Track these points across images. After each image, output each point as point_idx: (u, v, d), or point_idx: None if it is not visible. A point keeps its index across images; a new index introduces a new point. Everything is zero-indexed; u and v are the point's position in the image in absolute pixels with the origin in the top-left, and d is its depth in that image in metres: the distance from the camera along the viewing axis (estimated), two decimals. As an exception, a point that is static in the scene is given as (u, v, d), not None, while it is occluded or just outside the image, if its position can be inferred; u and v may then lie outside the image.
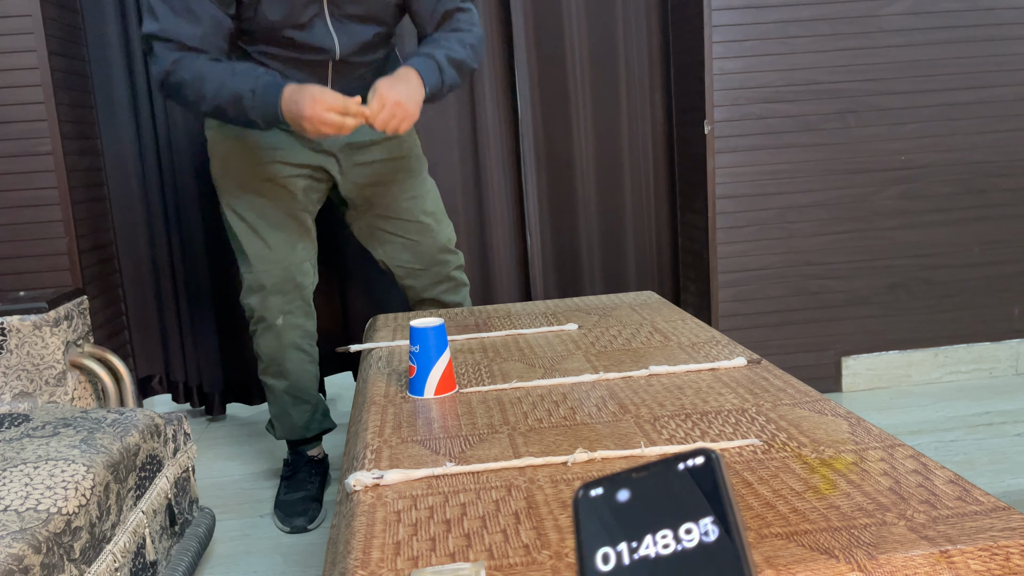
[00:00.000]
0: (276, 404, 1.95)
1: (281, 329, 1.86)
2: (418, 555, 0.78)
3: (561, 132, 2.42)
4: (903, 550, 0.72)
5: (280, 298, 1.85)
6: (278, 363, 1.89)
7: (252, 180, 1.77)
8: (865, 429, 1.00)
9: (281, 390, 1.93)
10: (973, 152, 2.35)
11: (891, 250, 2.37)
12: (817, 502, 0.82)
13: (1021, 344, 2.44)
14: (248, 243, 1.81)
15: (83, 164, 2.19)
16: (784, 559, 0.72)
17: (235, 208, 1.80)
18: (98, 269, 2.24)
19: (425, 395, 1.23)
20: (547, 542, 0.79)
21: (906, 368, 2.42)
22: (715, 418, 1.06)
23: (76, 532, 1.11)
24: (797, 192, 2.31)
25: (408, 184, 1.89)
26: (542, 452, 0.99)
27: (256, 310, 1.85)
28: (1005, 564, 0.72)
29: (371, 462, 1.00)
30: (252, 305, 1.85)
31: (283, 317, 1.86)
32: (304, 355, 1.92)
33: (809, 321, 2.37)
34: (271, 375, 1.92)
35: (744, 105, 2.25)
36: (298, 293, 1.86)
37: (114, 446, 1.29)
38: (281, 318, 1.85)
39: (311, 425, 1.98)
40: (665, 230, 2.53)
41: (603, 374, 1.27)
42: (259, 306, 1.84)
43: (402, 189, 1.88)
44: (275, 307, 1.84)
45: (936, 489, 0.83)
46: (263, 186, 1.78)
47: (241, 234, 1.81)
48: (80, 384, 1.74)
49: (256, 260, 1.81)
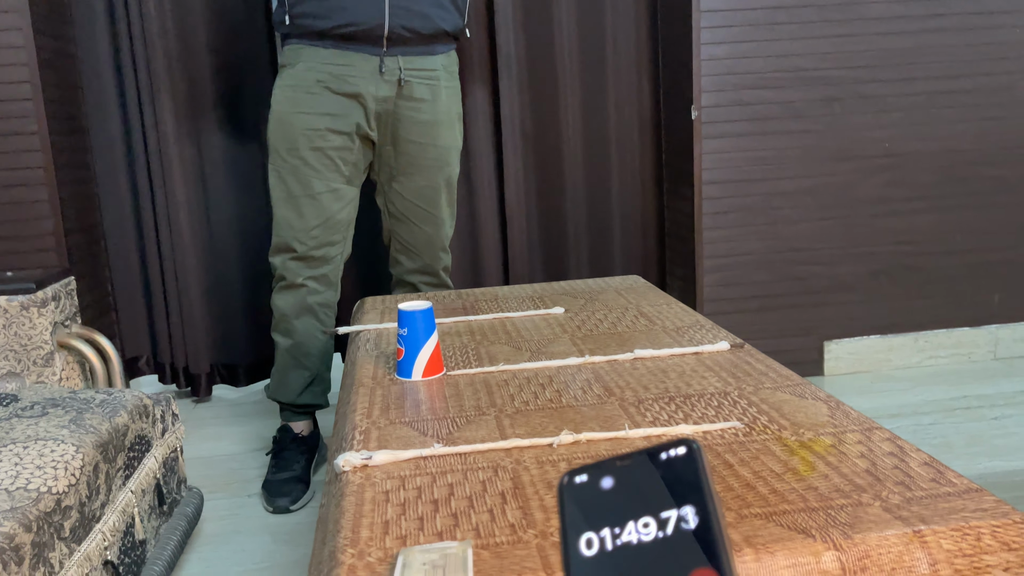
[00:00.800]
0: (277, 361, 1.98)
1: (302, 293, 1.91)
2: (406, 534, 0.80)
3: (548, 117, 2.42)
4: (877, 530, 0.75)
5: (303, 265, 1.90)
6: (288, 321, 1.93)
7: (302, 146, 1.82)
8: (844, 412, 1.02)
9: (284, 349, 1.95)
10: (956, 140, 2.37)
11: (874, 237, 2.39)
12: (796, 483, 0.84)
13: (1000, 330, 2.48)
14: (282, 209, 1.86)
15: (69, 144, 2.18)
16: (763, 538, 0.75)
17: (280, 171, 1.86)
18: (85, 250, 2.23)
19: (413, 377, 1.24)
20: (533, 521, 0.80)
21: (887, 353, 2.45)
22: (698, 401, 1.08)
23: (66, 511, 1.12)
24: (783, 178, 2.33)
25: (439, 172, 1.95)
26: (528, 434, 1.01)
27: (279, 269, 1.91)
28: (976, 544, 0.74)
29: (360, 443, 1.02)
30: (276, 264, 1.92)
31: (305, 281, 1.91)
32: (317, 322, 1.94)
33: (792, 306, 2.40)
34: (280, 332, 1.95)
35: (731, 91, 2.27)
36: (324, 263, 1.91)
37: (103, 426, 1.30)
38: (302, 280, 1.90)
39: (304, 393, 1.99)
40: (651, 215, 2.54)
41: (589, 357, 1.28)
42: (281, 266, 1.91)
43: (435, 171, 1.94)
44: (297, 271, 1.90)
45: (911, 471, 0.85)
46: (311, 155, 1.83)
47: (278, 198, 1.87)
48: (68, 365, 1.74)
49: (286, 227, 1.87)
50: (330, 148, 1.84)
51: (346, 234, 1.94)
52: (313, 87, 1.81)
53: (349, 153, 1.87)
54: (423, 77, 1.88)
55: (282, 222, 1.88)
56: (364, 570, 0.74)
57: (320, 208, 1.86)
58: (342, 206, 1.89)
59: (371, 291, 2.49)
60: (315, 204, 1.86)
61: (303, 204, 1.85)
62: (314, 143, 1.83)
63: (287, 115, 1.83)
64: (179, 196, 2.34)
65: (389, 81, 1.84)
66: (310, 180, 1.84)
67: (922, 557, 0.73)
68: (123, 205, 2.37)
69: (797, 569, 0.72)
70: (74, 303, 1.81)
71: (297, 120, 1.82)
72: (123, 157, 2.34)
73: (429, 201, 1.97)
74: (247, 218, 2.42)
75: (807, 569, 0.72)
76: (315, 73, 1.81)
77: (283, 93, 1.83)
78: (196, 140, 2.35)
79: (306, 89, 1.81)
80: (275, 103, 1.84)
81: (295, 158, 1.84)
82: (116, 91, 2.31)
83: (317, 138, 1.83)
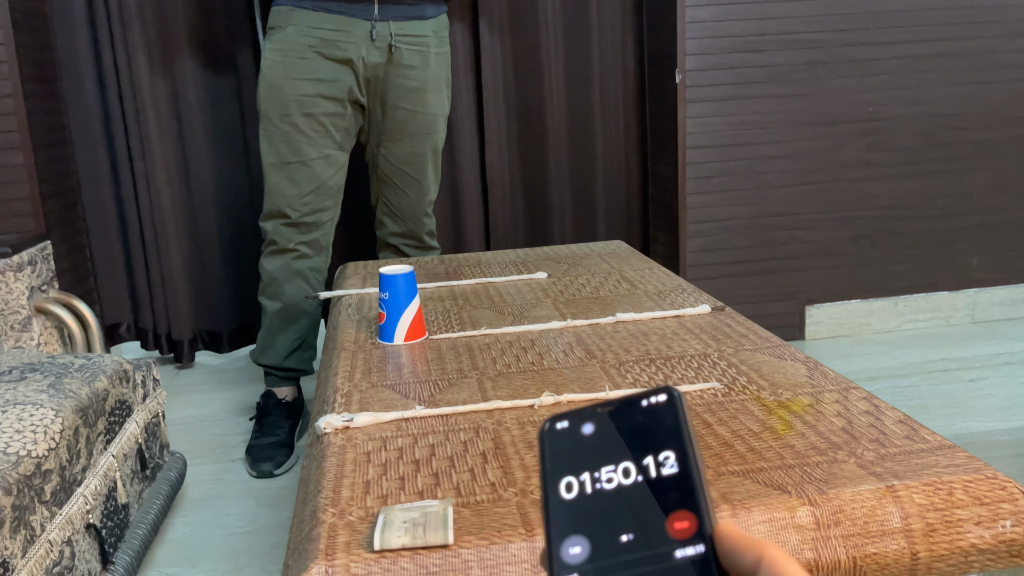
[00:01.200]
0: (264, 325, 1.98)
1: (292, 257, 1.91)
2: (387, 494, 0.80)
3: (532, 80, 2.40)
4: (851, 486, 0.76)
5: (295, 231, 1.89)
6: (277, 284, 1.92)
7: (294, 112, 1.81)
8: (822, 373, 1.03)
9: (273, 312, 1.95)
10: (939, 105, 2.37)
11: (856, 202, 2.40)
12: (773, 442, 0.85)
13: (978, 293, 2.51)
14: (273, 175, 1.85)
15: (44, 107, 2.14)
16: (740, 495, 0.76)
17: (271, 137, 1.84)
18: (62, 214, 2.20)
19: (395, 341, 1.24)
20: (513, 480, 0.81)
21: (867, 317, 2.47)
22: (678, 363, 1.09)
23: (46, 475, 1.12)
24: (766, 143, 2.32)
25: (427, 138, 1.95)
26: (510, 396, 1.01)
27: (270, 234, 1.90)
28: (948, 499, 0.76)
29: (341, 405, 1.02)
30: (267, 229, 1.90)
31: (297, 246, 1.90)
32: (307, 286, 1.94)
33: (775, 271, 2.41)
34: (268, 296, 1.95)
35: (716, 55, 2.25)
36: (315, 229, 1.91)
37: (82, 391, 1.29)
38: (293, 245, 1.90)
39: (290, 357, 1.99)
40: (635, 179, 2.54)
41: (571, 321, 1.29)
42: (273, 231, 1.90)
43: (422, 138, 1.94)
44: (290, 237, 1.89)
45: (886, 429, 0.87)
46: (303, 121, 1.81)
47: (269, 164, 1.85)
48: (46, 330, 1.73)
49: (278, 193, 1.86)
50: (322, 114, 1.82)
51: (337, 199, 1.93)
52: (305, 52, 1.79)
53: (341, 119, 1.85)
54: (413, 43, 1.86)
55: (274, 188, 1.86)
56: (345, 529, 0.74)
57: (312, 175, 1.85)
58: (333, 172, 1.88)
59: (359, 256, 2.47)
60: (307, 171, 1.85)
61: (295, 171, 1.84)
62: (306, 109, 1.81)
63: (278, 81, 1.80)
64: (158, 159, 2.31)
65: (380, 47, 1.82)
66: (302, 147, 1.83)
67: (894, 511, 0.74)
68: (100, 169, 2.34)
69: (772, 524, 0.73)
70: (51, 268, 1.79)
71: (289, 86, 1.80)
72: (100, 120, 2.30)
73: (415, 167, 1.97)
74: (229, 181, 2.39)
75: (782, 524, 0.73)
76: (306, 38, 1.78)
77: (274, 58, 1.81)
78: (174, 101, 2.31)
79: (297, 54, 1.79)
80: (265, 68, 1.82)
81: (287, 124, 1.82)
82: (91, 53, 2.26)
83: (309, 104, 1.81)
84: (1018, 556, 0.75)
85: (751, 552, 0.29)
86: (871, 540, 0.73)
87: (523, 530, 0.72)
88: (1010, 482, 0.76)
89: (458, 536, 0.72)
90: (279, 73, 1.80)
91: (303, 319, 1.97)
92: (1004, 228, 2.48)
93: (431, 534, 0.71)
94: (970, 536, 0.74)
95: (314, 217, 1.89)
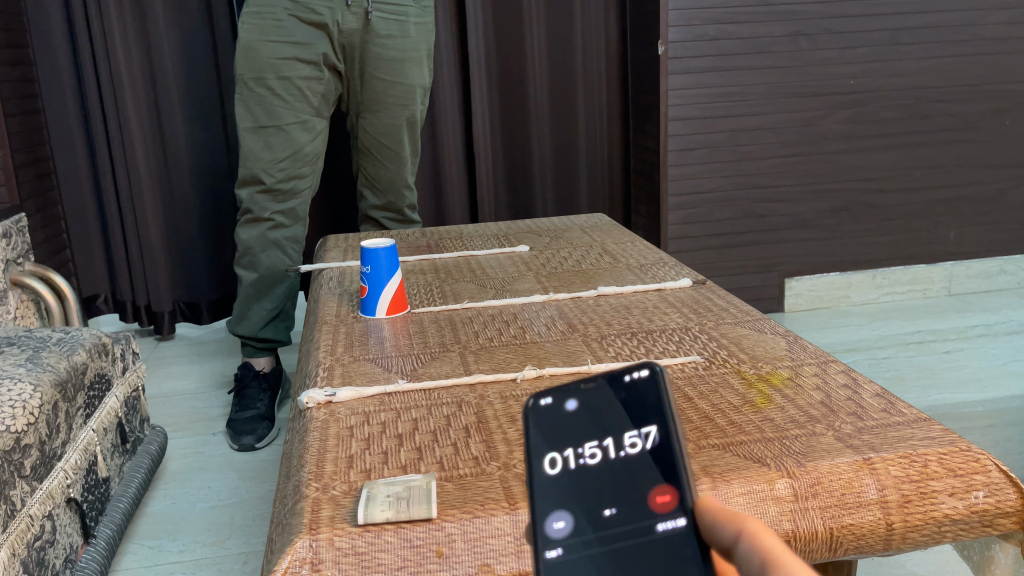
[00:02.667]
0: (240, 296, 1.96)
1: (268, 226, 1.88)
2: (370, 468, 0.80)
3: (514, 51, 2.38)
4: (829, 458, 0.77)
5: (271, 198, 1.86)
6: (253, 254, 1.90)
7: (269, 75, 1.78)
8: (801, 347, 1.04)
9: (249, 283, 1.93)
10: (920, 77, 2.38)
11: (836, 174, 2.41)
12: (753, 415, 0.86)
13: (955, 266, 2.53)
14: (249, 140, 1.82)
15: (14, 75, 2.09)
16: (720, 467, 0.77)
17: (247, 101, 1.81)
18: (35, 185, 2.16)
19: (377, 315, 1.24)
20: (496, 454, 0.82)
21: (846, 289, 2.50)
22: (660, 336, 1.10)
23: (26, 449, 1.11)
24: (747, 115, 2.32)
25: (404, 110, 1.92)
26: (492, 370, 1.02)
27: (245, 202, 1.87)
28: (923, 470, 0.77)
29: (323, 380, 1.02)
30: (242, 196, 1.87)
31: (272, 215, 1.87)
32: (283, 256, 1.92)
33: (754, 243, 2.42)
34: (243, 266, 1.92)
35: (698, 26, 2.24)
36: (292, 197, 1.88)
37: (61, 365, 1.28)
38: (269, 214, 1.87)
39: (266, 328, 1.97)
40: (617, 152, 2.53)
41: (553, 295, 1.29)
42: (248, 199, 1.86)
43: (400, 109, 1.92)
44: (265, 205, 1.86)
45: (863, 402, 0.88)
46: (278, 84, 1.79)
47: (244, 128, 1.82)
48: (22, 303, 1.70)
49: (253, 159, 1.82)
50: (298, 77, 1.80)
51: (315, 167, 1.91)
52: (280, 15, 1.76)
53: (317, 83, 1.82)
54: (391, 12, 1.83)
55: (249, 154, 1.83)
56: (328, 503, 0.74)
57: (288, 140, 1.83)
58: (311, 138, 1.86)
59: (340, 228, 2.46)
60: (283, 135, 1.82)
61: (271, 135, 1.82)
62: (281, 72, 1.79)
63: (254, 43, 1.78)
64: (133, 127, 2.27)
65: (356, 13, 1.79)
66: (277, 110, 1.81)
67: (871, 483, 0.75)
68: (73, 139, 2.29)
69: (751, 496, 0.74)
70: (26, 240, 1.76)
71: (264, 48, 1.77)
72: (71, 88, 2.26)
73: (392, 138, 1.95)
74: (207, 150, 2.36)
75: (761, 496, 0.74)
76: (282, 1, 1.76)
77: (249, 20, 1.78)
78: (150, 68, 2.27)
79: (273, 16, 1.76)
80: (242, 31, 1.79)
81: (262, 87, 1.79)
82: (63, 17, 2.21)
83: (284, 67, 1.78)
84: (990, 526, 0.77)
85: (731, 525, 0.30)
86: (848, 511, 0.74)
87: (506, 503, 0.73)
88: (983, 454, 0.78)
89: (441, 510, 0.72)
90: (254, 36, 1.77)
91: (279, 288, 1.96)
92: (981, 201, 2.51)
93: (415, 508, 0.71)
94: (944, 507, 0.76)
95: (290, 184, 1.87)
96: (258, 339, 1.98)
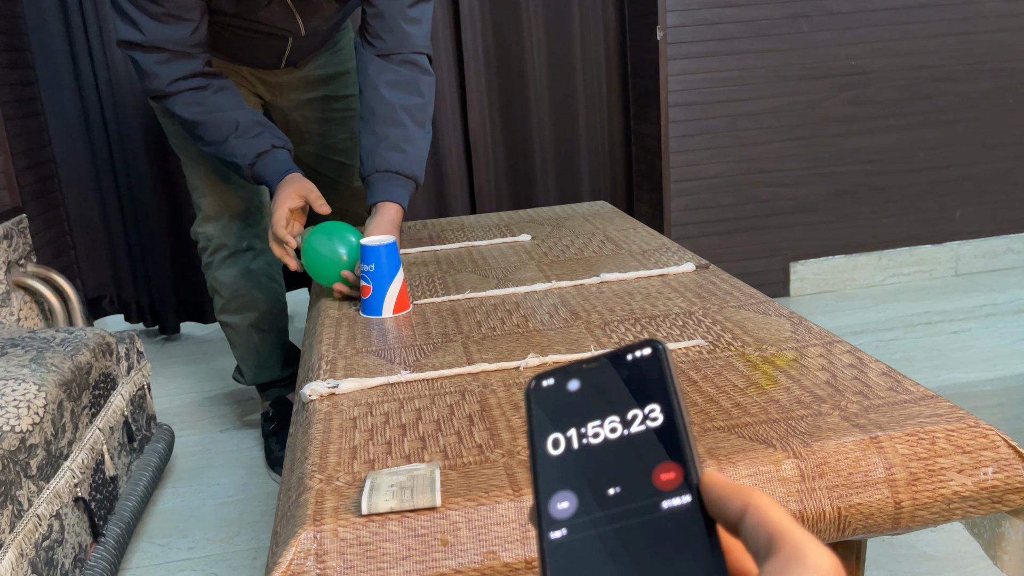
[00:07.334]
0: (241, 344, 1.74)
1: (250, 258, 1.67)
2: (374, 458, 0.80)
3: (512, 39, 2.37)
4: (836, 438, 0.76)
5: (243, 223, 1.65)
6: (244, 294, 1.67)
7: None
8: (806, 328, 1.03)
9: (247, 325, 1.71)
10: (922, 57, 2.36)
11: (839, 157, 2.40)
12: (758, 397, 0.86)
13: (961, 246, 2.52)
14: (199, 168, 1.60)
15: (14, 78, 2.09)
16: (725, 450, 0.76)
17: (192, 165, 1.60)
18: (37, 187, 2.16)
19: (383, 315, 1.22)
20: (500, 441, 0.81)
21: (851, 272, 2.49)
22: (663, 321, 1.09)
23: (32, 450, 1.12)
24: (748, 99, 2.31)
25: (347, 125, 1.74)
26: (495, 358, 1.01)
27: (214, 238, 1.63)
28: (931, 448, 0.76)
29: (326, 372, 1.01)
30: (209, 233, 1.63)
31: (252, 243, 1.66)
32: (276, 285, 1.72)
33: (758, 228, 2.41)
34: (233, 311, 1.69)
35: (697, 10, 2.22)
36: (260, 215, 1.67)
37: (65, 365, 1.28)
38: (247, 243, 1.66)
39: (287, 364, 1.79)
40: (618, 139, 2.52)
41: (555, 283, 1.28)
42: (218, 233, 1.63)
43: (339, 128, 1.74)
44: (240, 235, 1.64)
45: (870, 381, 0.87)
46: None
47: (190, 158, 1.60)
48: (26, 305, 1.70)
49: (211, 186, 1.60)
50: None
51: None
52: None
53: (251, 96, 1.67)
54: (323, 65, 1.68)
55: (203, 182, 1.61)
56: (332, 494, 0.74)
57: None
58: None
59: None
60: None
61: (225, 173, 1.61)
62: None
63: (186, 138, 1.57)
64: (133, 126, 2.27)
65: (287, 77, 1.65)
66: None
67: (878, 461, 0.75)
68: (74, 140, 2.29)
69: (758, 477, 0.73)
70: (28, 242, 1.76)
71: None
72: (71, 90, 2.26)
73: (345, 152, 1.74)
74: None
75: (768, 477, 0.74)
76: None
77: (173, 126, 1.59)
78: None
79: None
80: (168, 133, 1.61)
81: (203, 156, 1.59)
82: (61, 22, 2.20)
83: None
84: (999, 502, 0.76)
85: (737, 500, 0.29)
86: (855, 490, 0.74)
87: (510, 490, 0.72)
88: (991, 430, 0.77)
89: (446, 498, 0.72)
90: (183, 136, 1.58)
91: (283, 323, 1.77)
92: (986, 180, 2.49)
93: (419, 497, 0.71)
94: (952, 484, 0.75)
95: (258, 200, 1.67)
96: (284, 379, 1.81)
